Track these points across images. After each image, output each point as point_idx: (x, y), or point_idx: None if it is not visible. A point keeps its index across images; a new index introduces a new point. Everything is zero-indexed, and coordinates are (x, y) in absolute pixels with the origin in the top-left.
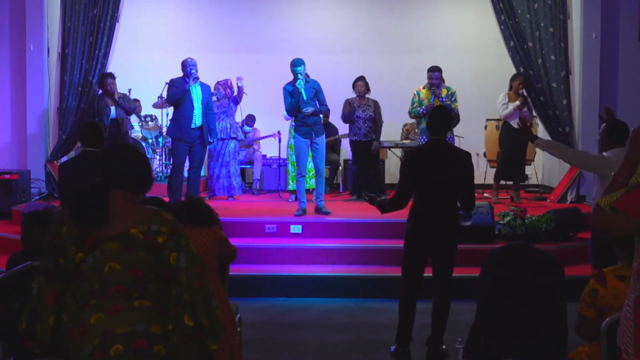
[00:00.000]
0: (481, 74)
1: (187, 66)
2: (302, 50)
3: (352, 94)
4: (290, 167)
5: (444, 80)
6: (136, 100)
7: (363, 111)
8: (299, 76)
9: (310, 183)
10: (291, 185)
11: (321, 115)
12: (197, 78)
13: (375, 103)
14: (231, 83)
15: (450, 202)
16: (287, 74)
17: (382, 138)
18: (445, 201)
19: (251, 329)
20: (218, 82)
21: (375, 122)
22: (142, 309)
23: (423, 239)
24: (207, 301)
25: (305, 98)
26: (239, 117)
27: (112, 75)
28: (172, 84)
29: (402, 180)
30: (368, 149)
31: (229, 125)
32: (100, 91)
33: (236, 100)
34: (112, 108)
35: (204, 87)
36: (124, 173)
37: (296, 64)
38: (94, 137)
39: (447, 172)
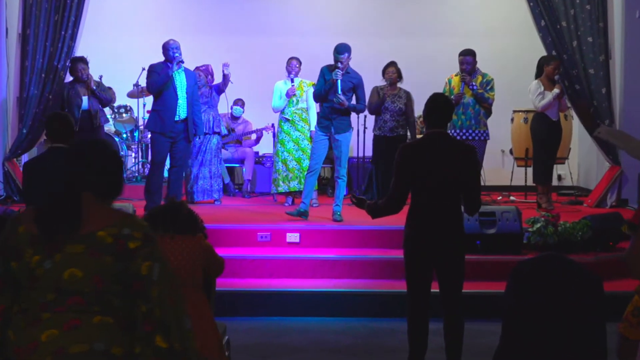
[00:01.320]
0: (507, 58)
1: (170, 49)
2: (301, 32)
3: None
4: (280, 165)
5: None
6: (109, 89)
7: (392, 102)
8: (339, 64)
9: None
10: (281, 187)
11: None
12: (182, 62)
13: (408, 95)
14: (212, 69)
15: (453, 204)
16: (281, 59)
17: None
18: (446, 203)
19: (241, 353)
20: (197, 68)
21: (407, 116)
22: (102, 325)
23: (423, 247)
24: (181, 322)
25: (339, 90)
26: (224, 108)
27: (84, 60)
28: (152, 69)
29: (396, 179)
30: (393, 146)
31: (211, 118)
32: (72, 78)
33: (220, 89)
34: (85, 98)
35: (189, 74)
36: (94, 176)
37: (338, 50)
38: (64, 132)
39: (448, 169)
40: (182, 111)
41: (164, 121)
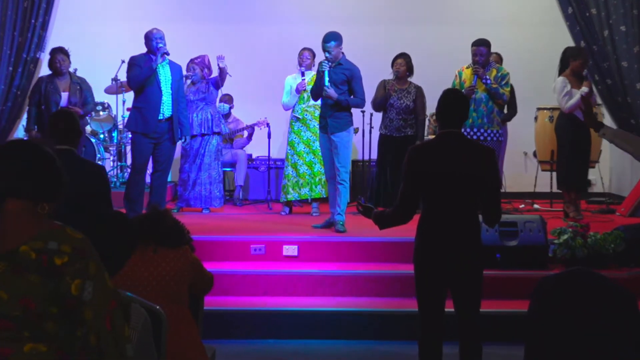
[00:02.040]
0: (530, 50)
1: (153, 39)
2: (301, 20)
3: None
4: (289, 170)
5: (501, 58)
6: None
7: (399, 99)
8: (327, 54)
9: (317, 191)
10: (290, 195)
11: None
12: (167, 54)
13: (418, 90)
14: (209, 61)
15: (469, 213)
16: (277, 50)
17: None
18: (462, 211)
19: None
20: (192, 61)
21: (416, 114)
22: (34, 354)
23: (435, 262)
24: (120, 349)
25: (326, 83)
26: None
27: (64, 51)
28: (133, 62)
29: (404, 185)
30: (400, 147)
31: (209, 116)
32: (50, 72)
33: (217, 84)
34: (64, 94)
35: (174, 68)
36: (19, 177)
37: (325, 39)
38: (69, 132)
39: (464, 174)
40: (166, 109)
41: (146, 120)
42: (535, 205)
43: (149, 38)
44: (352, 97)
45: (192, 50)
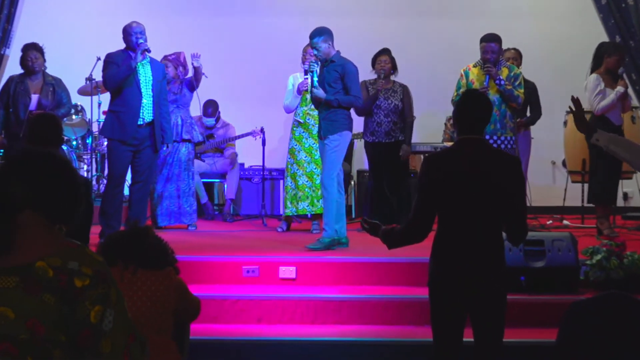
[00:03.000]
0: (557, 46)
1: (132, 34)
2: (292, 11)
3: (369, 75)
4: (289, 181)
5: (520, 55)
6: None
7: (386, 99)
8: (315, 52)
9: (318, 206)
10: (288, 209)
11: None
12: (148, 51)
13: (404, 89)
14: (185, 58)
15: (491, 230)
16: (274, 45)
17: (414, 139)
18: (483, 229)
19: None
20: (166, 57)
21: (404, 116)
22: None
23: (453, 286)
24: None
25: (315, 82)
26: (195, 110)
27: (37, 47)
28: (110, 60)
29: (418, 199)
30: (391, 154)
31: (179, 121)
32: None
33: (191, 85)
34: (34, 97)
35: (156, 66)
36: (40, 188)
37: (310, 35)
38: (48, 135)
39: (486, 186)
40: (147, 113)
41: (124, 125)
42: (565, 222)
43: (128, 33)
44: (348, 95)
45: (177, 47)
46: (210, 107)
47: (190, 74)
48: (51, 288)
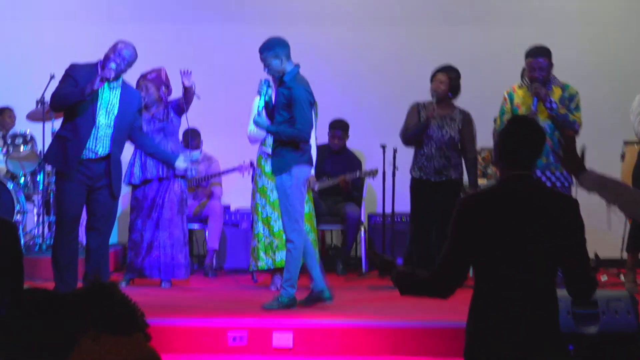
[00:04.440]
0: (609, 62)
1: (113, 53)
2: (297, 19)
3: (370, 93)
4: (259, 227)
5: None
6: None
7: (440, 128)
8: (265, 69)
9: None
10: (262, 261)
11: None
12: (107, 80)
13: (465, 118)
14: (167, 76)
15: (544, 289)
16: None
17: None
18: (534, 287)
19: None
20: (143, 77)
21: (465, 151)
22: None
23: (495, 358)
24: None
25: (260, 107)
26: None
27: None
28: (69, 74)
29: (450, 247)
30: (440, 197)
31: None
32: None
33: (179, 108)
34: None
35: (129, 94)
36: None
37: (260, 47)
38: None
39: (538, 234)
40: (101, 145)
41: (67, 156)
42: (622, 277)
43: (112, 49)
44: (287, 125)
45: (152, 59)
46: (194, 138)
47: (174, 95)
48: None
